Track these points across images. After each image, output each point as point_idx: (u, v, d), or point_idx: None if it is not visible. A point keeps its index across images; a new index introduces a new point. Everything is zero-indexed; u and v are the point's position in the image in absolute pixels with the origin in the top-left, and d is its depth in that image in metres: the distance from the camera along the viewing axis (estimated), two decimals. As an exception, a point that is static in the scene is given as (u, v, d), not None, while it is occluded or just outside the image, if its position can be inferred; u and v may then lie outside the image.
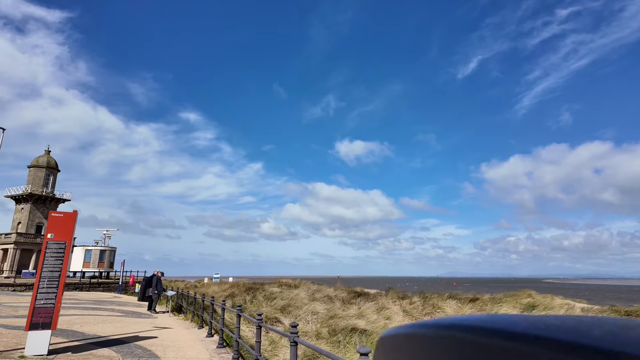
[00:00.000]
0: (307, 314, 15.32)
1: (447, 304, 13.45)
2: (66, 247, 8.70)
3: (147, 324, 14.87)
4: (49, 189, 53.96)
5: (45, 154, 54.17)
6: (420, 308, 13.72)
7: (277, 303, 18.02)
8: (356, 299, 17.00)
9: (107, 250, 59.55)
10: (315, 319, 14.88)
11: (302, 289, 21.67)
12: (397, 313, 13.90)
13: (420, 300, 14.37)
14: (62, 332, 11.37)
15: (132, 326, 13.83)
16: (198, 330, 14.09)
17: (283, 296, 19.49)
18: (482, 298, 12.83)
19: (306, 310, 15.45)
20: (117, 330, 12.60)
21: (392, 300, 15.36)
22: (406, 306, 14.53)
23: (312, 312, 15.31)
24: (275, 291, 21.39)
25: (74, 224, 8.87)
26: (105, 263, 59.15)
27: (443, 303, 13.40)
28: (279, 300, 18.83)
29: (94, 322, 14.00)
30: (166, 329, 14.02)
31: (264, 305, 18.73)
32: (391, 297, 15.69)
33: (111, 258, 60.62)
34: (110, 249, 60.01)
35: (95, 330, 12.21)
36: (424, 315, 13.39)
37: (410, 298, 15.14)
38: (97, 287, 44.57)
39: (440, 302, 13.45)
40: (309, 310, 15.41)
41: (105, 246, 60.41)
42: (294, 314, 15.47)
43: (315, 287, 21.40)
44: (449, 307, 13.25)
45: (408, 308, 14.09)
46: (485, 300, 12.62)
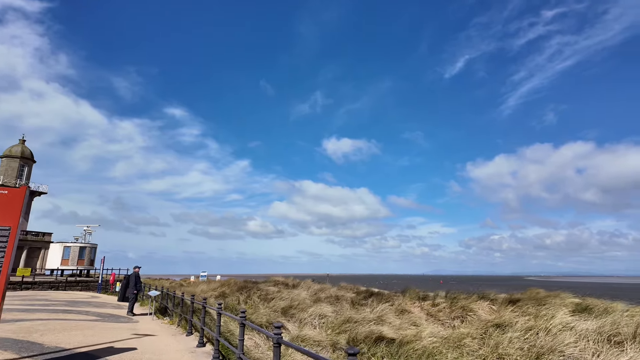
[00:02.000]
0: (313, 317, 13.28)
1: (479, 305, 11.61)
2: (10, 234, 6.44)
3: (126, 330, 12.61)
4: (23, 181, 50.49)
5: (20, 144, 50.59)
6: (447, 311, 11.85)
7: (277, 304, 15.92)
8: (367, 300, 15.04)
9: (88, 247, 56.57)
10: (323, 324, 12.85)
11: (302, 288, 19.60)
12: (421, 317, 11.99)
13: (447, 301, 12.50)
14: (15, 344, 9.06)
15: (107, 333, 11.56)
16: (186, 338, 11.90)
17: (282, 296, 17.39)
18: (522, 298, 11.04)
19: (312, 313, 13.41)
20: (88, 339, 10.33)
21: (411, 301, 13.46)
22: (429, 308, 12.63)
23: (319, 315, 13.27)
24: (272, 291, 19.27)
25: (21, 204, 6.61)
26: (85, 260, 56.23)
27: (473, 305, 11.56)
28: (278, 301, 16.72)
29: (60, 329, 11.68)
30: (148, 336, 11.79)
31: (261, 307, 16.60)
32: (410, 298, 13.79)
33: (92, 255, 57.66)
34: (90, 246, 56.99)
35: (59, 340, 9.92)
36: (453, 319, 11.52)
37: (432, 299, 13.25)
38: (74, 286, 41.69)
39: (471, 303, 11.61)
40: (315, 312, 13.38)
41: (86, 243, 57.40)
42: (298, 317, 13.41)
43: (318, 286, 19.36)
44: (481, 309, 11.41)
45: (432, 311, 12.20)
46: (526, 300, 10.81)
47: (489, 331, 9.56)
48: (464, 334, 8.98)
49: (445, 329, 10.26)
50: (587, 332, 8.06)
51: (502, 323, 9.52)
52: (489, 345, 8.35)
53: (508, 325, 9.40)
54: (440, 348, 8.16)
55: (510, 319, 9.63)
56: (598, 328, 8.14)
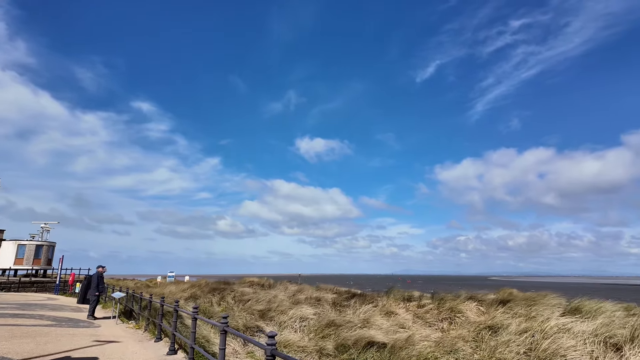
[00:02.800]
0: (293, 320, 12.52)
1: (467, 306, 11.26)
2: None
3: (86, 336, 11.37)
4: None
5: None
6: (434, 312, 11.43)
7: (254, 307, 15.02)
8: (349, 301, 14.45)
9: (45, 246, 53.01)
10: (305, 327, 12.12)
11: (279, 289, 18.75)
12: (408, 319, 11.50)
13: (434, 302, 12.08)
14: (-50, 356, 7.77)
15: (65, 341, 10.33)
16: (155, 344, 10.84)
17: (259, 298, 16.49)
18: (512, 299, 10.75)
19: (292, 316, 12.64)
20: (40, 348, 9.11)
21: (396, 302, 12.97)
22: (415, 310, 12.18)
23: (300, 318, 12.53)
24: (248, 292, 18.32)
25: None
26: (41, 260, 52.64)
27: (462, 306, 11.20)
28: (255, 303, 15.82)
29: (8, 337, 10.32)
30: (112, 343, 10.65)
31: (236, 310, 15.65)
32: (394, 299, 13.30)
33: (49, 254, 54.08)
34: (48, 244, 53.45)
35: (5, 350, 8.67)
36: (441, 321, 11.10)
37: (418, 300, 12.80)
38: (29, 287, 38.78)
39: (459, 304, 11.24)
40: (296, 315, 12.62)
41: (43, 241, 53.79)
42: (278, 321, 12.61)
43: (295, 287, 18.56)
44: (469, 310, 11.06)
45: (419, 312, 11.75)
46: (518, 301, 10.54)
47: (481, 334, 9.20)
48: (457, 337, 8.56)
49: (434, 332, 9.80)
50: (584, 334, 7.82)
51: (495, 325, 9.18)
52: (484, 349, 7.96)
53: (501, 328, 9.06)
54: (436, 353, 7.65)
55: (502, 321, 9.31)
56: (594, 330, 7.92)
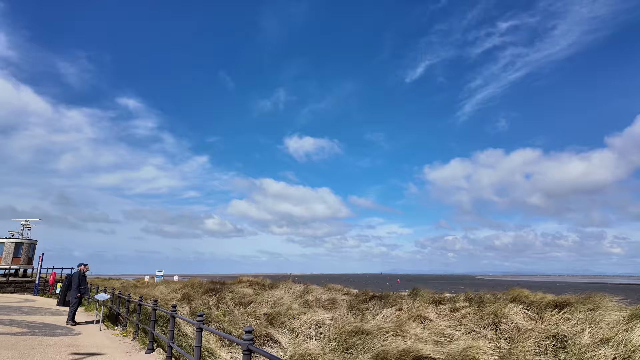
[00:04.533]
0: (307, 326, 10.83)
1: (511, 310, 9.75)
2: None
3: (63, 347, 9.50)
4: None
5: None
6: (473, 317, 9.88)
7: (258, 310, 13.28)
8: (367, 303, 12.85)
9: (25, 243, 50.14)
10: (322, 335, 10.45)
11: (283, 289, 17.02)
12: (442, 325, 9.91)
13: (472, 306, 10.54)
14: None
15: (35, 354, 8.47)
16: (146, 357, 9.04)
17: (262, 300, 14.74)
18: (571, 302, 9.26)
19: (306, 321, 10.95)
20: (2, 366, 7.27)
21: (424, 305, 11.40)
22: (449, 314, 10.61)
23: (315, 324, 10.85)
24: (248, 293, 16.55)
25: None
26: (21, 258, 49.77)
27: (506, 309, 9.68)
28: (259, 305, 14.08)
29: (-37, 350, 8.42)
30: (94, 356, 8.83)
31: (237, 314, 13.89)
32: (422, 301, 11.72)
33: (30, 252, 51.22)
34: (28, 242, 50.58)
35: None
36: (483, 327, 9.54)
37: (451, 302, 11.24)
38: (6, 288, 36.26)
39: (502, 308, 9.71)
40: (311, 320, 10.94)
41: (23, 238, 50.92)
42: (289, 327, 10.91)
43: (300, 287, 16.85)
44: (515, 314, 9.55)
45: (455, 317, 10.18)
46: (576, 303, 9.03)
47: (544, 344, 7.69)
48: (523, 351, 7.03)
49: (485, 341, 8.25)
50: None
51: (560, 334, 7.68)
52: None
53: (568, 337, 7.57)
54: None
55: (566, 329, 7.81)
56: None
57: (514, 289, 18.72)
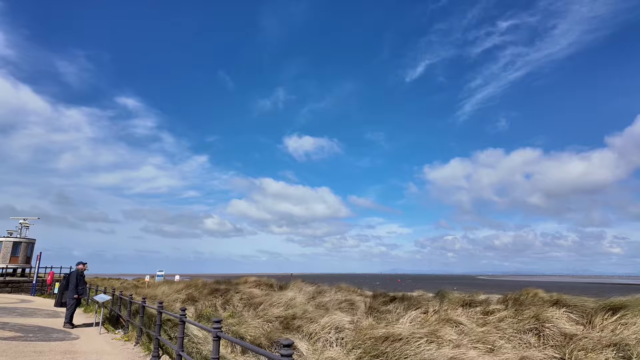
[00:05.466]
0: (327, 330, 9.92)
1: (552, 313, 8.86)
2: None
3: (59, 354, 8.57)
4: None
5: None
6: (510, 321, 8.99)
7: (269, 312, 12.35)
8: (387, 305, 11.96)
9: (23, 243, 49.11)
10: (343, 340, 9.54)
11: (293, 290, 16.10)
12: (476, 329, 9.01)
13: (508, 309, 9.64)
14: None
15: (26, 363, 7.54)
16: (152, 366, 8.12)
17: (272, 301, 13.82)
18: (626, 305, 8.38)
19: (324, 325, 10.04)
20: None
21: (452, 307, 10.50)
22: (483, 317, 9.72)
23: (335, 328, 9.94)
24: (257, 294, 15.63)
25: None
26: (20, 258, 48.73)
27: (547, 312, 8.78)
28: (270, 307, 13.15)
29: (-54, 359, 7.49)
30: (92, 365, 7.91)
31: (247, 316, 12.97)
32: (450, 303, 10.82)
33: (28, 252, 50.19)
34: (27, 241, 49.56)
35: None
36: (524, 332, 8.64)
37: (484, 305, 10.32)
38: (3, 287, 35.31)
39: (544, 312, 8.81)
40: (330, 324, 10.02)
41: (21, 237, 49.92)
42: (306, 331, 9.99)
43: (312, 288, 15.93)
44: (558, 318, 8.66)
45: (490, 321, 9.29)
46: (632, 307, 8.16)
47: (604, 354, 6.80)
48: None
49: (525, 348, 7.35)
50: None
51: (621, 342, 6.78)
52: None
53: (632, 346, 6.68)
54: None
55: (631, 336, 6.92)
56: None
57: (528, 289, 17.82)
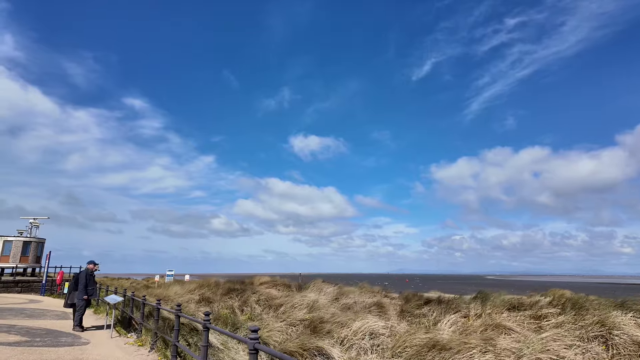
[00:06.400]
0: (359, 336, 9.00)
1: (619, 318, 7.85)
2: None
3: (67, 362, 7.75)
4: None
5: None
6: (570, 326, 8.00)
7: (292, 315, 11.47)
8: (421, 308, 11.01)
9: (33, 242, 48.92)
10: (378, 347, 8.61)
11: (313, 290, 15.19)
12: (532, 336, 8.02)
13: (566, 313, 8.63)
14: None
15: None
16: (170, 376, 7.25)
17: (294, 302, 12.93)
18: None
19: (357, 330, 9.12)
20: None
21: (496, 310, 9.53)
22: (535, 322, 8.74)
23: (369, 334, 9.01)
24: (275, 295, 14.76)
25: None
26: (30, 257, 48.58)
27: (612, 317, 7.79)
28: (292, 309, 12.27)
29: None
30: (105, 375, 7.07)
31: (267, 319, 12.09)
32: (493, 306, 9.83)
33: (38, 251, 50.01)
34: (37, 241, 49.35)
35: None
36: (588, 340, 7.64)
37: (534, 308, 9.30)
38: (12, 287, 34.88)
39: (609, 317, 7.81)
40: (363, 329, 9.10)
41: (32, 237, 49.73)
42: (337, 336, 9.08)
43: (333, 288, 15.00)
44: (626, 324, 7.66)
45: (544, 326, 8.31)
46: None
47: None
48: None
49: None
50: None
51: None
52: None
53: None
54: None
55: None
56: None
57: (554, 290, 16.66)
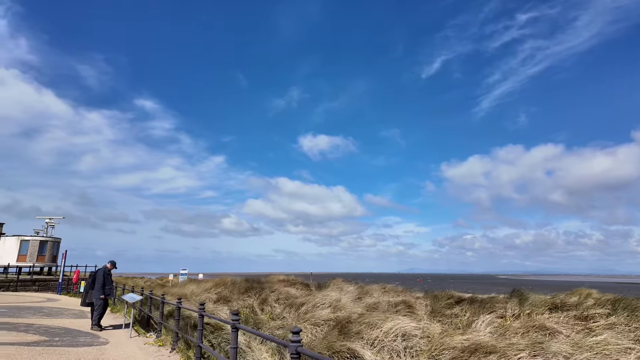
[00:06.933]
0: (390, 337, 8.49)
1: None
2: None
3: (87, 363, 7.40)
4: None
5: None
6: (623, 328, 7.38)
7: (315, 314, 11.00)
8: (453, 308, 10.46)
9: (50, 241, 49.52)
10: (412, 349, 8.09)
11: (333, 290, 14.71)
12: (579, 339, 7.42)
13: (618, 314, 8.00)
14: None
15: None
16: (194, 379, 6.83)
17: (316, 302, 12.46)
18: None
19: (388, 331, 8.61)
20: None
21: (536, 310, 8.94)
22: (582, 323, 8.11)
23: (401, 335, 8.49)
24: (294, 294, 14.32)
25: None
26: (46, 256, 49.20)
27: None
28: (314, 308, 11.80)
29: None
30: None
31: (289, 318, 11.65)
32: (533, 306, 9.24)
33: (54, 251, 50.62)
34: (53, 240, 49.94)
35: None
36: (645, 343, 7.02)
37: (580, 309, 8.65)
38: (29, 286, 35.16)
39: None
40: (394, 330, 8.59)
41: (47, 236, 50.30)
42: (366, 338, 8.59)
43: (353, 287, 14.50)
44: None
45: (595, 328, 7.69)
46: None
47: None
48: None
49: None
50: None
51: None
52: None
53: None
54: None
55: None
56: None
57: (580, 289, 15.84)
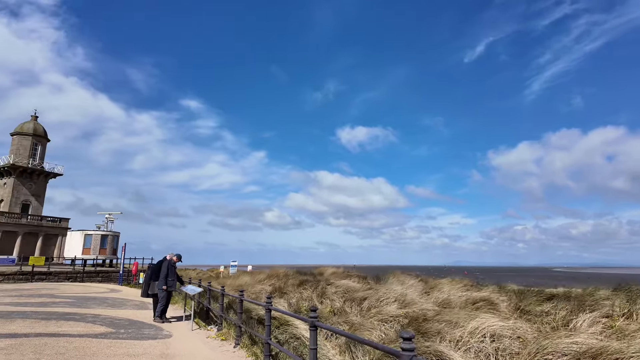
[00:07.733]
0: (477, 338, 7.48)
1: None
2: None
3: (154, 357, 7.09)
4: (37, 160, 46.21)
5: (32, 120, 46.23)
6: None
7: (383, 311, 10.16)
8: (542, 305, 9.22)
9: (110, 235, 52.61)
10: (503, 352, 7.03)
11: (394, 283, 13.79)
12: None
13: None
14: None
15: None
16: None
17: (379, 296, 11.64)
18: None
19: (473, 331, 7.60)
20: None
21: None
22: None
23: (490, 335, 7.46)
24: (354, 287, 13.55)
25: None
26: (107, 249, 52.40)
27: None
28: (377, 303, 10.97)
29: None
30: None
31: (351, 314, 10.90)
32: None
33: (114, 244, 53.77)
34: (113, 234, 52.99)
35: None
36: None
37: None
38: (94, 277, 37.27)
39: None
40: (480, 330, 7.57)
41: (108, 231, 53.44)
42: (448, 337, 7.64)
43: (414, 280, 13.48)
44: None
45: None
46: None
47: None
48: None
49: None
50: None
51: None
52: None
53: None
54: None
55: None
56: None
57: None
